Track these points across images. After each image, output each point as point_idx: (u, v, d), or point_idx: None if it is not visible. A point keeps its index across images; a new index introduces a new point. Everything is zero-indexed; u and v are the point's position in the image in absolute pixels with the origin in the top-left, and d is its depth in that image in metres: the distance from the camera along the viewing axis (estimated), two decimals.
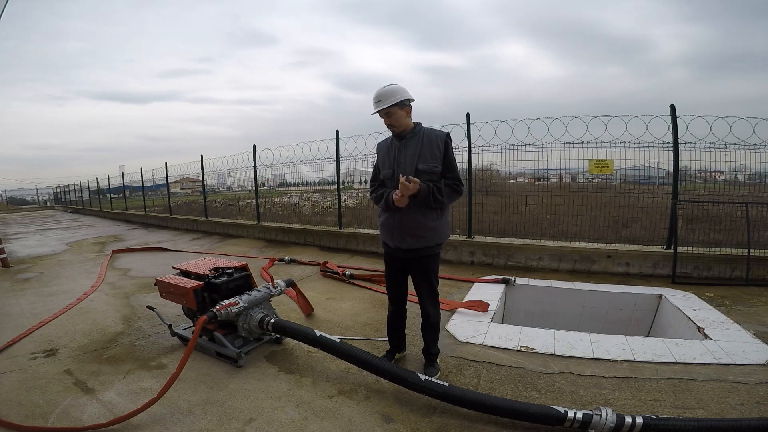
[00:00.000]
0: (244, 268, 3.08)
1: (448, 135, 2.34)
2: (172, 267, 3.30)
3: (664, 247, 4.62)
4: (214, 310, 2.51)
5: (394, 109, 2.26)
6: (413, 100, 2.33)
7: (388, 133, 2.46)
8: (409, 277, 2.53)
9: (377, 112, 2.30)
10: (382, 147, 2.49)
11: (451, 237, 5.69)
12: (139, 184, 14.40)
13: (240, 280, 2.98)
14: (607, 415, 1.85)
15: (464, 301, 3.76)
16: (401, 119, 2.30)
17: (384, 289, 4.23)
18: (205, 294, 2.85)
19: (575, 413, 1.88)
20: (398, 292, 2.59)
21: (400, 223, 2.32)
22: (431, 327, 2.52)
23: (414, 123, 2.38)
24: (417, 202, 2.23)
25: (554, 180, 6.60)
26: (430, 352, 2.58)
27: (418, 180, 2.17)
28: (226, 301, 2.60)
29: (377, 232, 6.44)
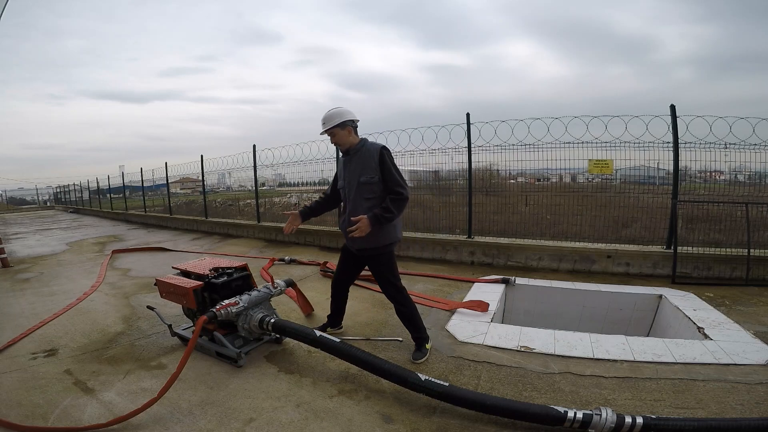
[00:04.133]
0: (244, 268, 3.08)
1: (383, 147, 2.58)
2: (172, 267, 3.30)
3: (664, 247, 4.62)
4: (214, 310, 2.50)
5: (335, 129, 2.58)
6: (357, 120, 2.64)
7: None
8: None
9: (322, 132, 2.63)
10: (339, 161, 2.86)
11: (451, 237, 5.71)
12: (139, 184, 14.39)
13: (240, 280, 2.97)
14: (607, 415, 1.85)
15: (464, 301, 3.76)
16: (344, 138, 2.61)
17: None
18: (205, 294, 2.84)
19: (575, 413, 1.88)
20: (342, 272, 2.93)
21: (350, 227, 2.57)
22: (402, 316, 2.76)
23: (360, 139, 2.67)
24: (376, 226, 2.48)
25: (554, 180, 6.59)
26: (414, 337, 2.79)
27: (360, 218, 2.46)
28: (226, 301, 2.60)
29: None
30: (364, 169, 2.56)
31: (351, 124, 2.60)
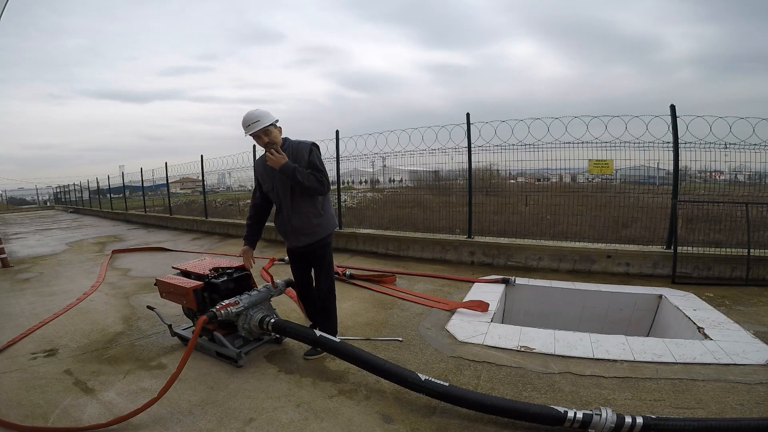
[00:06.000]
0: (244, 268, 3.08)
1: (313, 144, 2.63)
2: (172, 267, 3.31)
3: (664, 247, 4.62)
4: (214, 310, 2.50)
5: (271, 127, 2.55)
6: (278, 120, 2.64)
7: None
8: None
9: (257, 131, 2.51)
10: (259, 165, 2.76)
11: (451, 237, 5.71)
12: (139, 184, 14.40)
13: (240, 280, 2.97)
14: (607, 415, 1.85)
15: (464, 301, 3.76)
16: (277, 137, 2.59)
17: (384, 290, 4.27)
18: (205, 294, 2.84)
19: (575, 413, 1.88)
20: (302, 279, 2.93)
21: (292, 228, 2.68)
22: (324, 310, 2.82)
23: (282, 138, 2.66)
24: (282, 173, 2.50)
25: (554, 180, 6.60)
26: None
27: (283, 154, 2.49)
28: (226, 301, 2.60)
29: (377, 232, 6.48)
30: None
31: (278, 124, 2.62)
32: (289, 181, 2.53)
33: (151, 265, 6.19)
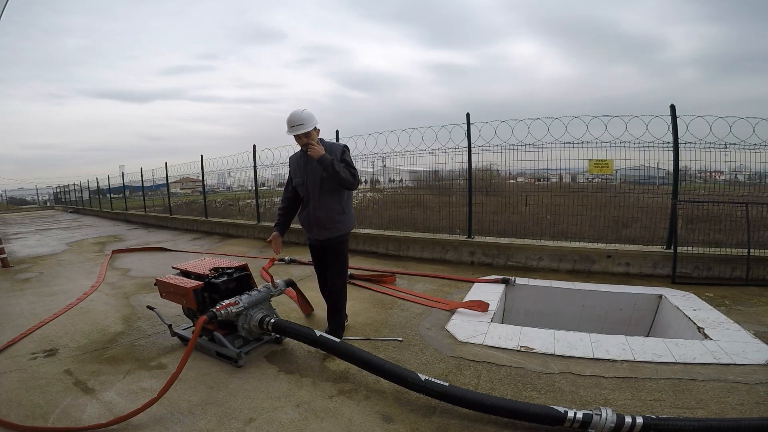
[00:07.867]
0: (244, 268, 3.08)
1: (345, 146, 2.86)
2: (172, 267, 3.30)
3: (664, 247, 4.62)
4: (214, 310, 2.50)
5: (313, 131, 2.75)
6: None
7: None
8: None
9: (300, 134, 2.70)
10: (293, 160, 2.99)
11: (451, 237, 5.71)
12: (139, 184, 14.41)
13: (240, 280, 2.98)
14: (607, 415, 1.85)
15: (464, 301, 3.76)
16: (315, 138, 2.78)
17: (384, 290, 4.27)
18: (205, 294, 2.84)
19: (575, 413, 1.88)
20: (324, 272, 3.13)
21: (316, 221, 2.87)
22: (334, 308, 3.02)
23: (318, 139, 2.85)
24: (320, 163, 2.69)
25: (554, 180, 6.60)
26: (330, 329, 2.99)
27: (320, 147, 2.69)
28: (226, 301, 2.60)
29: (377, 232, 6.49)
30: None
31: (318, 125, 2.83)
32: (325, 173, 2.70)
33: (151, 265, 6.19)
